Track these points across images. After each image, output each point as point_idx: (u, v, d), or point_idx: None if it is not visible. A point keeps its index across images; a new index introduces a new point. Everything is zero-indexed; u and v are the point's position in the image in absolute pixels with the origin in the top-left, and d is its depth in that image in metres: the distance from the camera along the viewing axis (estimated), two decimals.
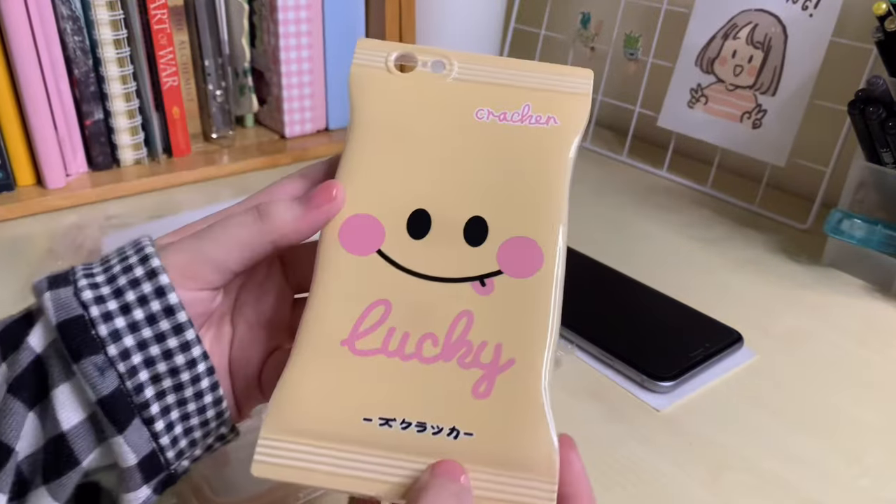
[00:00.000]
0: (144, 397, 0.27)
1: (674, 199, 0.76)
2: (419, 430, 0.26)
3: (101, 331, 0.26)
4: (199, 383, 0.28)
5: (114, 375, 0.26)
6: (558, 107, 0.31)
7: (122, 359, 0.26)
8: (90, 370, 0.26)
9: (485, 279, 0.28)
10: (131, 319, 0.27)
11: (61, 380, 0.26)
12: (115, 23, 0.69)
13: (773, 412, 0.46)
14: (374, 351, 0.27)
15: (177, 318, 0.27)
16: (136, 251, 0.28)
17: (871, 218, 0.60)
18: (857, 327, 0.55)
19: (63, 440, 0.26)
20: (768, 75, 0.71)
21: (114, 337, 0.26)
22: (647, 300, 0.56)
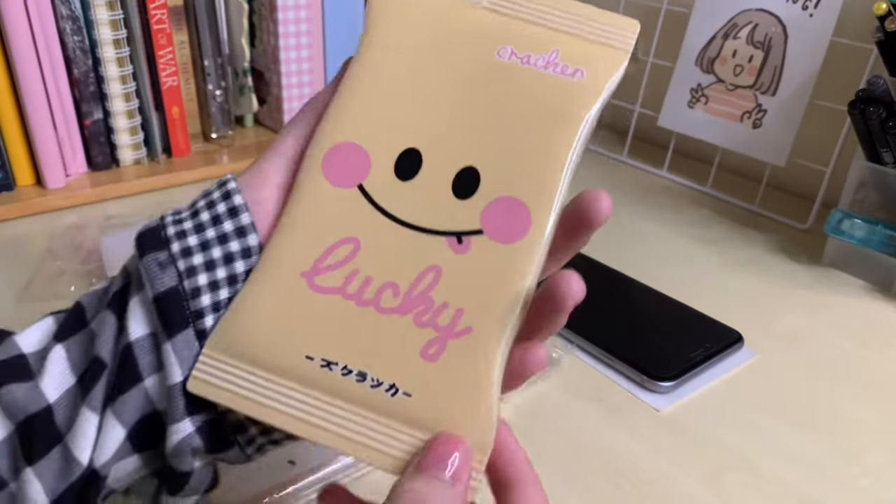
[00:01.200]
0: (201, 305, 0.26)
1: (674, 199, 0.76)
2: (358, 380, 0.25)
3: (169, 231, 0.27)
4: None
5: (173, 273, 0.26)
6: (590, 58, 0.28)
7: (183, 256, 0.27)
8: (152, 265, 0.26)
9: (462, 236, 0.26)
10: (197, 221, 0.28)
11: (137, 291, 0.27)
12: (114, 22, 0.69)
13: (773, 412, 0.46)
14: (332, 290, 0.26)
15: (241, 221, 0.27)
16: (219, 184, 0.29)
17: (872, 218, 0.60)
18: (857, 327, 0.55)
19: (130, 351, 0.26)
20: (768, 75, 0.71)
21: (179, 236, 0.27)
22: (647, 300, 0.56)
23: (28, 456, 0.26)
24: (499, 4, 0.29)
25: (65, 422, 0.26)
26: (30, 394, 0.26)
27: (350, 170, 0.27)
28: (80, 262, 0.57)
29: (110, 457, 0.26)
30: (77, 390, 0.26)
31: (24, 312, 0.53)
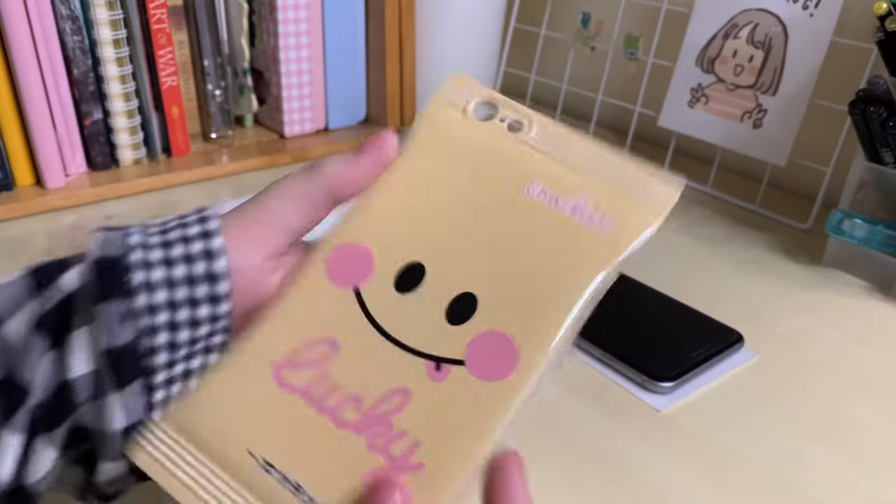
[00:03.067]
0: (154, 364, 0.25)
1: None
2: (292, 491, 0.24)
3: (136, 277, 0.25)
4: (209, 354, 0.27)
5: (132, 329, 0.25)
6: (621, 212, 0.27)
7: (148, 313, 0.25)
8: (111, 315, 0.24)
9: (441, 363, 0.25)
10: (169, 275, 0.25)
11: (81, 323, 0.25)
12: (114, 22, 0.69)
13: (774, 412, 0.46)
14: (296, 388, 0.25)
15: (217, 289, 0.26)
16: (196, 212, 0.27)
17: (872, 218, 0.60)
18: (857, 327, 0.55)
19: (68, 388, 0.25)
20: (769, 75, 0.71)
21: (146, 288, 0.25)
22: (647, 300, 0.55)
23: None
24: (543, 143, 0.28)
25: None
26: None
27: (352, 272, 0.27)
28: None
29: (42, 476, 0.25)
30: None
31: None
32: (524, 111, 0.29)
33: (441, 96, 0.29)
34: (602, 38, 0.88)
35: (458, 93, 0.29)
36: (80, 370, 0.25)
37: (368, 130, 0.88)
